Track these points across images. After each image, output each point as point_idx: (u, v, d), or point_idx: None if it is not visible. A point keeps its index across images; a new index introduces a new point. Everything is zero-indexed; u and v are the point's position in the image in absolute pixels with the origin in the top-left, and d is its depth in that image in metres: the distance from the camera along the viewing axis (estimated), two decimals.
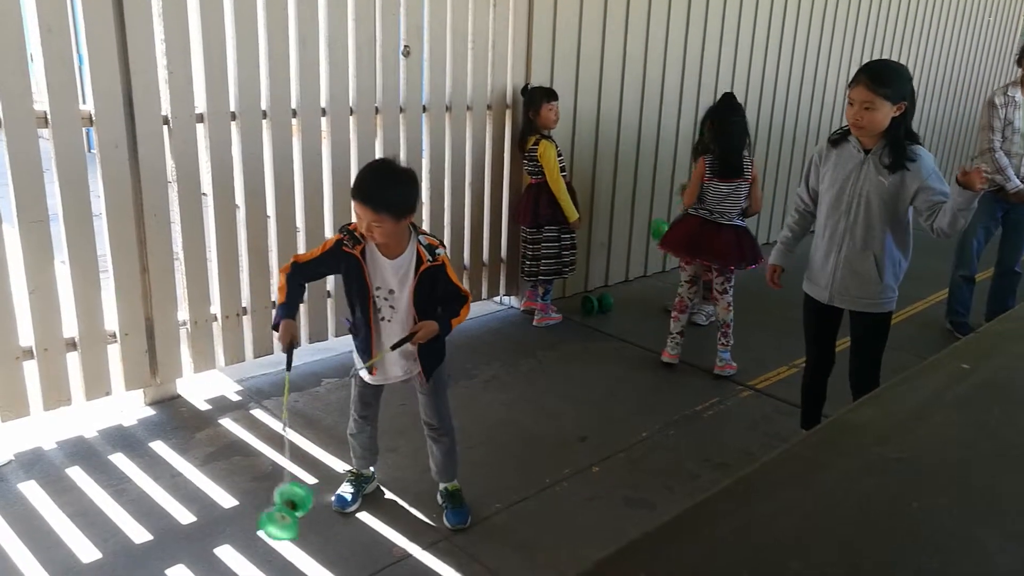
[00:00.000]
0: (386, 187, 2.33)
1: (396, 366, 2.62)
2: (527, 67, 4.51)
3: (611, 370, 4.15)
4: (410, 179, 2.40)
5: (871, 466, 1.18)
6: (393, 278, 2.46)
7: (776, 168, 6.66)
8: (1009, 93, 4.35)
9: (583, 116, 4.90)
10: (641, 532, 0.98)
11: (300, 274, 2.52)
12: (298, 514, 2.30)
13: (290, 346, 2.38)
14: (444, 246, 2.51)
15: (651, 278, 5.68)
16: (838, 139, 2.80)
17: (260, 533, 2.38)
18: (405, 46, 3.97)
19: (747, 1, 5.76)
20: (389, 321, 2.52)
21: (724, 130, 3.86)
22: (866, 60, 7.08)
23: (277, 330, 2.40)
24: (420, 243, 2.42)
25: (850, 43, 6.89)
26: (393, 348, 2.46)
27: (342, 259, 2.45)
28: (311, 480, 3.01)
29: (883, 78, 2.57)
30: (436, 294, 2.46)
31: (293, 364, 2.39)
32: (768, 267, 3.10)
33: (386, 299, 2.49)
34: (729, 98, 3.94)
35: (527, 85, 4.45)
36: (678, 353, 4.13)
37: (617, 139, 5.18)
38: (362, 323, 2.53)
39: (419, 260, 2.42)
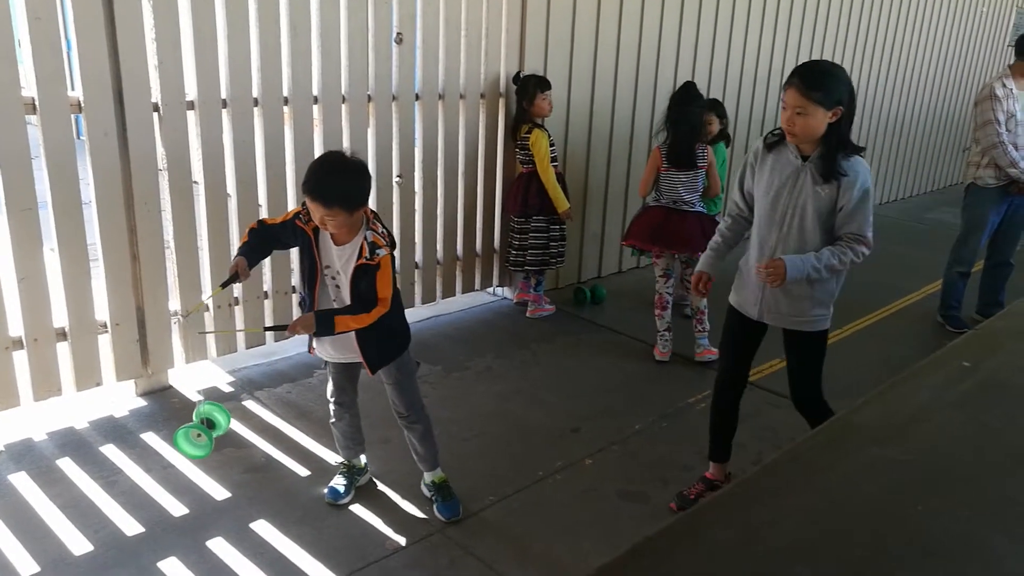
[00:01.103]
0: (336, 181, 2.32)
1: (328, 345, 2.61)
2: (521, 56, 4.47)
3: (604, 362, 4.15)
4: (360, 171, 2.39)
5: (874, 468, 1.17)
6: (338, 262, 2.48)
7: None
8: (1007, 85, 4.29)
9: (577, 105, 4.87)
10: (635, 527, 0.97)
11: (263, 232, 2.54)
12: (215, 434, 2.32)
13: (234, 277, 2.44)
14: (388, 246, 2.43)
15: (644, 269, 5.67)
16: (775, 142, 2.57)
17: (173, 449, 2.40)
18: (398, 34, 3.93)
19: None
20: (334, 300, 2.53)
21: (677, 120, 3.90)
22: (859, 51, 7.10)
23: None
24: (366, 238, 2.40)
25: (844, 32, 6.88)
26: (267, 329, 2.48)
27: (297, 232, 2.47)
28: (303, 472, 3.00)
29: (816, 81, 2.36)
30: (359, 290, 2.43)
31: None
32: (694, 274, 2.84)
33: (333, 279, 2.51)
34: (687, 87, 3.96)
35: (519, 73, 4.41)
36: (669, 349, 4.14)
37: (611, 129, 5.15)
38: (308, 298, 2.55)
39: (359, 254, 2.40)
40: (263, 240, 2.53)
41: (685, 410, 3.64)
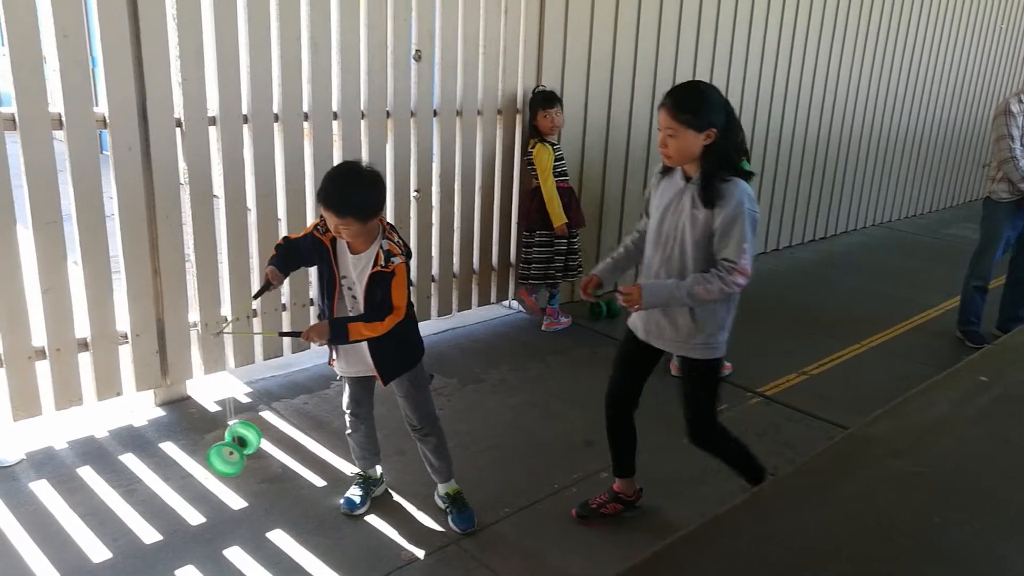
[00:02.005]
0: (350, 191, 2.35)
1: (343, 359, 2.65)
2: (538, 72, 4.51)
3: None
4: (375, 181, 2.41)
5: (890, 480, 1.17)
6: (354, 271, 2.50)
7: (784, 173, 6.65)
8: (1023, 101, 4.30)
9: (593, 120, 4.90)
10: (650, 540, 0.98)
11: (288, 246, 2.58)
12: (246, 452, 2.34)
13: (267, 285, 2.49)
14: (404, 256, 2.46)
15: None
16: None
17: (206, 465, 2.44)
18: (417, 50, 3.98)
19: (758, 6, 5.76)
20: (351, 311, 2.55)
21: None
22: (879, 66, 7.09)
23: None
24: (382, 247, 2.43)
25: (861, 48, 6.87)
26: (282, 335, 2.52)
27: (315, 245, 2.50)
28: (320, 482, 3.02)
29: (685, 104, 2.32)
30: (372, 298, 2.46)
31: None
32: (586, 276, 2.73)
33: (350, 289, 2.53)
34: None
35: (537, 87, 4.45)
36: None
37: (627, 144, 5.17)
38: (327, 310, 2.56)
39: (375, 262, 2.43)
40: (289, 253, 2.57)
41: None
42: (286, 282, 3.70)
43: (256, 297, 2.65)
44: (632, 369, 2.78)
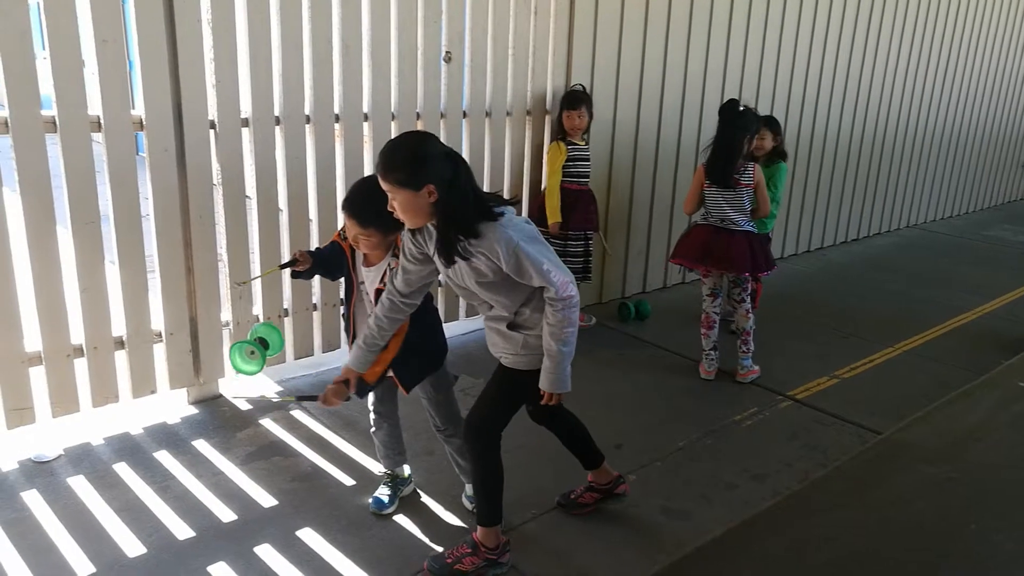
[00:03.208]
0: (374, 202, 2.33)
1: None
2: (568, 73, 4.51)
3: (647, 377, 4.12)
4: None
5: (924, 486, 1.15)
6: (367, 281, 2.57)
7: (816, 173, 6.56)
8: None
9: (623, 122, 4.88)
10: (677, 543, 0.97)
11: (319, 251, 2.66)
12: (268, 354, 2.38)
13: (292, 261, 2.54)
14: None
15: (689, 285, 5.63)
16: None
17: (227, 363, 2.48)
18: (447, 52, 4.00)
19: (791, 7, 5.69)
20: (369, 313, 2.58)
21: (717, 138, 3.85)
22: (912, 61, 6.96)
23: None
24: (389, 265, 2.47)
25: (897, 44, 6.76)
26: (299, 399, 2.93)
27: (336, 249, 2.58)
28: (349, 481, 3.04)
29: (392, 164, 2.10)
30: None
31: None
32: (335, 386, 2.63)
33: (367, 293, 2.59)
34: (728, 105, 3.83)
35: (574, 85, 4.43)
36: (715, 368, 4.10)
37: (657, 145, 5.15)
38: (346, 309, 2.66)
39: (381, 279, 2.49)
40: (317, 252, 2.63)
41: (730, 427, 3.60)
42: (316, 281, 3.76)
43: (282, 268, 2.69)
44: None
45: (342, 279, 2.66)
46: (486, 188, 4.37)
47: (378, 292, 2.50)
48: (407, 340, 2.54)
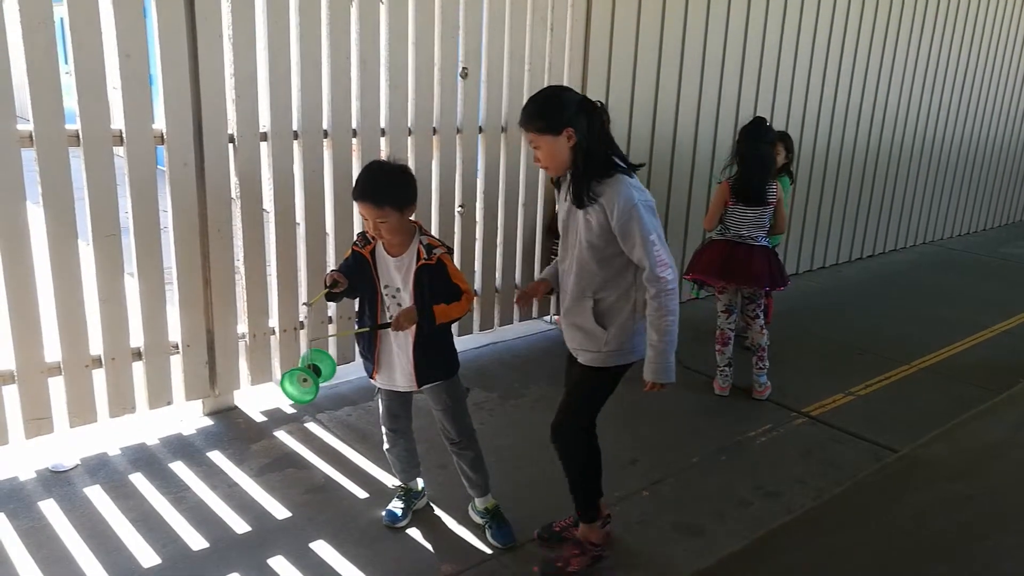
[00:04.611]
0: (384, 182, 2.42)
1: (387, 374, 2.66)
2: (583, 89, 4.53)
3: (662, 393, 4.09)
4: (405, 171, 2.50)
5: (944, 503, 1.14)
6: (397, 275, 2.53)
7: (831, 188, 6.54)
8: None
9: (638, 138, 4.89)
10: (691, 559, 0.97)
11: (346, 263, 2.62)
12: (320, 380, 2.36)
13: (335, 283, 2.45)
14: (446, 247, 2.53)
15: (704, 300, 5.61)
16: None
17: (279, 390, 2.43)
18: (463, 68, 4.03)
19: (806, 18, 5.70)
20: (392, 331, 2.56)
21: (748, 155, 3.81)
22: (929, 77, 6.94)
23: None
24: (421, 242, 2.49)
25: (913, 60, 6.75)
26: (373, 328, 2.53)
27: (356, 258, 2.56)
28: (362, 494, 3.05)
29: (534, 112, 2.31)
30: (436, 292, 2.49)
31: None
32: (532, 283, 2.74)
33: (393, 296, 2.56)
34: (758, 123, 3.84)
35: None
36: (729, 384, 4.08)
37: (672, 159, 5.16)
38: (370, 321, 2.60)
39: (418, 258, 2.48)
40: (348, 267, 2.59)
41: (744, 444, 3.58)
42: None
43: (327, 293, 2.49)
44: (568, 381, 2.70)
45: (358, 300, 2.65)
46: (501, 203, 4.39)
47: (418, 272, 2.46)
48: (433, 338, 2.53)
